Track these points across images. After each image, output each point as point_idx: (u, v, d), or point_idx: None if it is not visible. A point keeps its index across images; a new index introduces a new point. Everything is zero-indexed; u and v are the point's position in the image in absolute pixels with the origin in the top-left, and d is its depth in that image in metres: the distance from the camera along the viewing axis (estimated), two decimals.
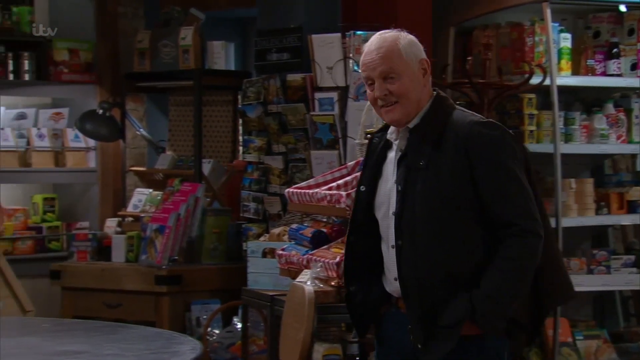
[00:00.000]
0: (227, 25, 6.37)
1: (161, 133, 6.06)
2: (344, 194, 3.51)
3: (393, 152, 2.81)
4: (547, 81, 4.65)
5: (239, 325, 4.91)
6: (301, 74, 5.00)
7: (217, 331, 5.10)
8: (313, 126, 4.86)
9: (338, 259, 3.32)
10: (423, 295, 2.67)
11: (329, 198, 3.53)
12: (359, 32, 4.72)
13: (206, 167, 5.59)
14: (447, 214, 2.68)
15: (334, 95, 4.81)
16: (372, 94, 2.77)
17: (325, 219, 3.67)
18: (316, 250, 3.50)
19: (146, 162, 6.12)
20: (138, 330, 2.58)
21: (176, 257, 5.17)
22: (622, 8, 4.91)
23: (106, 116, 5.70)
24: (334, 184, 3.65)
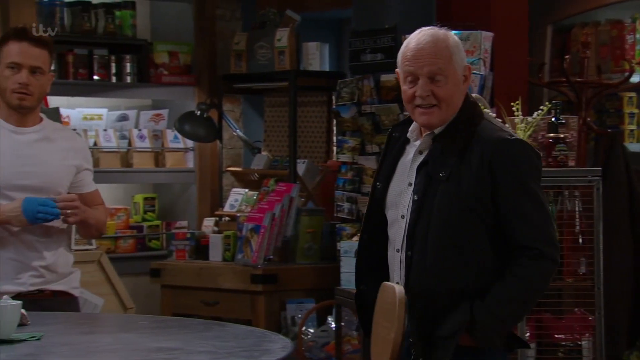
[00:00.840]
0: (323, 27, 6.41)
1: (257, 134, 6.13)
2: None
3: (411, 150, 2.71)
4: None
5: (334, 325, 4.94)
6: (395, 74, 4.98)
7: (311, 330, 5.14)
8: None
9: None
10: (427, 306, 2.60)
11: None
12: (453, 32, 4.67)
13: (301, 167, 5.64)
14: (462, 227, 2.59)
15: None
16: (411, 91, 2.63)
17: None
18: None
19: (242, 162, 6.20)
20: (231, 328, 2.63)
21: (271, 257, 5.22)
22: None
23: (204, 117, 5.79)
24: None
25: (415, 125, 2.71)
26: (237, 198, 5.76)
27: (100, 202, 3.52)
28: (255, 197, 5.66)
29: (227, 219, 5.69)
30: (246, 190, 5.79)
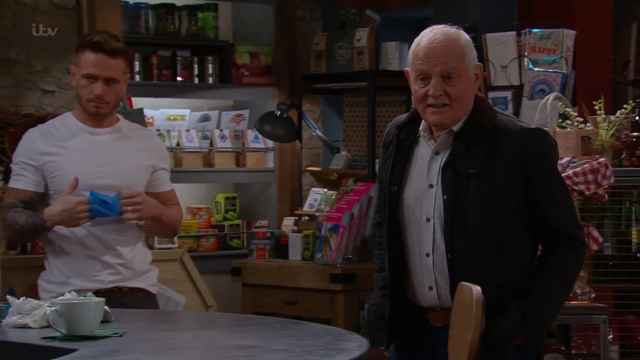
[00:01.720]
0: (402, 26, 6.39)
1: (336, 133, 6.15)
2: None
3: (424, 151, 2.67)
4: None
5: None
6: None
7: None
8: None
9: None
10: None
11: None
12: (534, 30, 4.63)
13: None
14: (500, 223, 2.58)
15: (507, 94, 4.74)
16: (423, 90, 2.60)
17: None
18: None
19: (321, 162, 6.23)
20: (307, 327, 2.64)
21: (350, 256, 5.24)
22: None
23: (284, 117, 5.83)
24: None
25: (425, 124, 2.68)
26: (316, 198, 5.79)
27: (175, 202, 3.54)
28: (334, 197, 5.68)
29: (306, 218, 5.73)
30: (325, 190, 5.81)
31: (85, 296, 2.63)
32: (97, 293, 3.09)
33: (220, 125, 6.21)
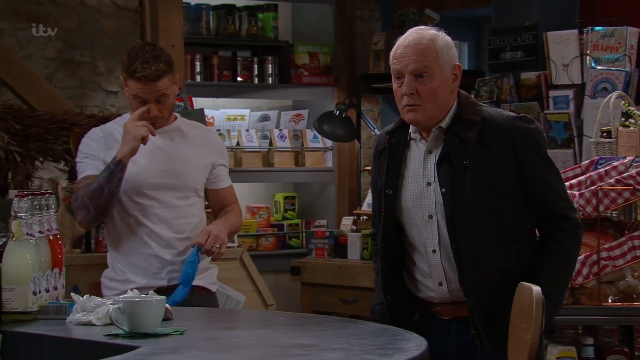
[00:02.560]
0: (462, 25, 6.37)
1: None
2: (577, 193, 3.43)
3: (416, 153, 2.73)
4: None
5: None
6: (535, 72, 4.92)
7: None
8: (547, 125, 4.77)
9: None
10: (484, 297, 2.64)
11: None
12: (597, 28, 4.58)
13: None
14: (501, 211, 2.65)
15: (569, 93, 4.70)
16: (400, 90, 2.67)
17: None
18: None
19: None
20: (366, 326, 2.64)
21: None
22: None
23: (342, 117, 5.85)
24: (567, 183, 3.57)
25: (414, 127, 2.75)
26: None
27: (234, 200, 3.55)
28: None
29: (365, 217, 5.73)
30: None
31: (147, 294, 2.66)
32: (157, 291, 3.11)
33: (279, 125, 6.24)
